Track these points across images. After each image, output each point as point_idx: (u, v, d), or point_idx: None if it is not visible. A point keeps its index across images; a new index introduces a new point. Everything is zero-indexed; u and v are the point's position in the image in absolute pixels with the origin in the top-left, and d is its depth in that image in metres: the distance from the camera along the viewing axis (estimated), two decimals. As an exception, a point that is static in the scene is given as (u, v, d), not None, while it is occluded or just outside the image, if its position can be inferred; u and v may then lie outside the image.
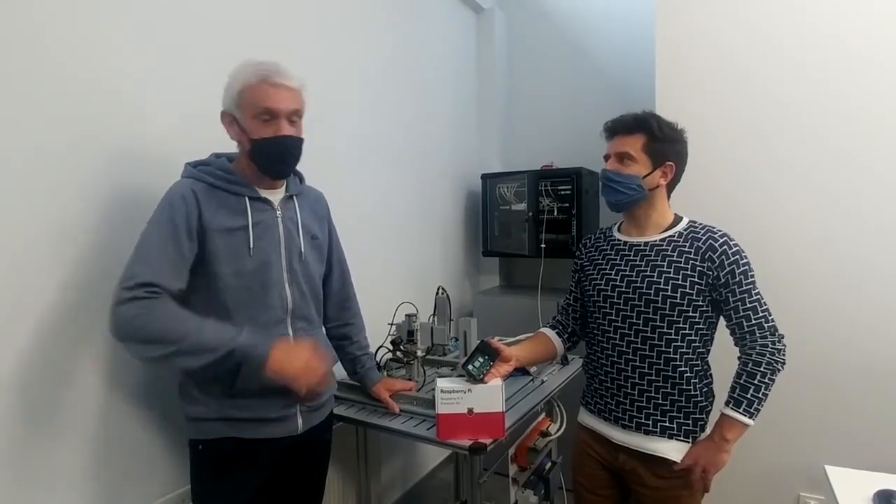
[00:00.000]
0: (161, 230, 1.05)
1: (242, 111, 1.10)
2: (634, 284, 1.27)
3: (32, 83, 1.07)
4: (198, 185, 1.11)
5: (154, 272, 1.01)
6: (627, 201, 1.28)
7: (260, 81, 1.09)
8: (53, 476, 1.11)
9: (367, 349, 1.51)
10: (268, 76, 1.09)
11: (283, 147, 1.12)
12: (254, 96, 1.09)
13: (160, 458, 1.30)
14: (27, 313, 1.07)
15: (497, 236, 2.59)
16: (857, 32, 1.69)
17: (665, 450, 1.26)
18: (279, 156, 1.14)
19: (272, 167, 1.16)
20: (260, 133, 1.10)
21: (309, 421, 1.24)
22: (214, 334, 1.01)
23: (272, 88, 1.09)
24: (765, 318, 1.21)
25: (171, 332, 0.99)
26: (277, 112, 1.09)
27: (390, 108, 2.19)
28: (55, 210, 1.11)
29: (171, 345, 0.98)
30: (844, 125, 1.73)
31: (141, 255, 1.03)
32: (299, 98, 1.14)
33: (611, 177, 1.27)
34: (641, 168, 1.25)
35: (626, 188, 1.26)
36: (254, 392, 1.12)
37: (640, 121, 1.26)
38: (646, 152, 1.25)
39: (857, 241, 1.72)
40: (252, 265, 1.13)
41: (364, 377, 1.49)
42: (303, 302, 1.23)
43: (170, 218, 1.06)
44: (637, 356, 1.27)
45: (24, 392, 1.06)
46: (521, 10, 2.87)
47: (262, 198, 1.17)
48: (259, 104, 1.09)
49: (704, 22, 1.91)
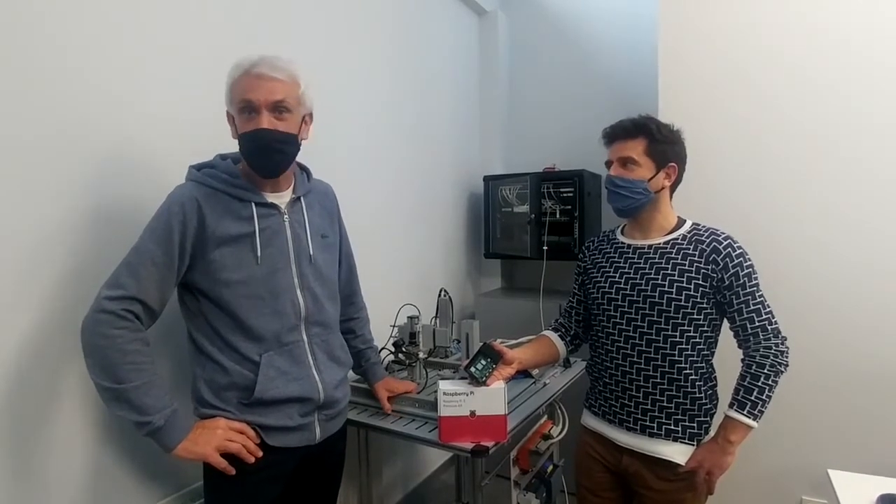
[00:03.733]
0: (156, 239, 1.03)
1: (232, 107, 1.08)
2: (639, 287, 1.27)
3: (31, 84, 1.05)
4: (201, 191, 1.07)
5: (141, 287, 1.00)
6: (635, 206, 1.27)
7: (242, 74, 1.05)
8: (54, 475, 1.11)
9: (371, 343, 1.49)
10: (250, 68, 1.04)
11: (261, 141, 1.05)
12: (237, 89, 1.05)
13: (165, 457, 1.29)
14: (27, 311, 1.06)
15: (499, 238, 2.58)
16: (859, 37, 1.69)
17: (669, 452, 1.26)
18: (258, 150, 1.07)
19: (258, 164, 1.09)
20: (243, 128, 1.06)
21: (326, 430, 1.22)
22: (148, 399, 0.99)
23: (253, 80, 1.03)
24: (768, 321, 1.21)
25: (117, 370, 0.97)
26: (255, 104, 1.03)
27: (393, 110, 2.19)
28: (50, 212, 1.09)
29: (112, 382, 0.97)
30: (847, 129, 1.73)
31: (133, 265, 1.01)
32: (287, 89, 1.06)
33: (616, 182, 1.27)
34: (645, 171, 1.25)
35: (633, 192, 1.26)
36: (271, 401, 1.11)
37: (639, 125, 1.26)
38: (648, 155, 1.25)
39: (860, 243, 1.72)
40: (260, 273, 1.10)
41: (367, 371, 1.47)
42: (316, 307, 1.19)
43: (166, 228, 1.03)
44: (641, 359, 1.27)
45: (25, 391, 1.06)
46: (524, 13, 2.88)
47: (269, 202, 1.13)
48: (240, 96, 1.05)
49: (706, 26, 1.91)
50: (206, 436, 1.05)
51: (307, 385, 1.15)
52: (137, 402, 0.98)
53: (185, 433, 1.04)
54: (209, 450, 1.04)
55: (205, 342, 1.10)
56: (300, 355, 1.16)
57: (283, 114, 1.07)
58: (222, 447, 1.05)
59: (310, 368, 1.17)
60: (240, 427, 1.09)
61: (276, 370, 1.11)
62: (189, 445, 1.03)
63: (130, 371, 0.98)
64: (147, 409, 0.99)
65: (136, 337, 1.00)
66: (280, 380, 1.11)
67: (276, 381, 1.11)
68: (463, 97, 2.74)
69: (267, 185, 1.14)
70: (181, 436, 1.03)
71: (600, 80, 2.65)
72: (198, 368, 1.11)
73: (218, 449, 1.05)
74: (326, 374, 1.19)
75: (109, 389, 0.98)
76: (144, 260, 1.01)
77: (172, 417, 1.02)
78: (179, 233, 1.03)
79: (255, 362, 1.09)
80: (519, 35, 2.90)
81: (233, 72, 1.07)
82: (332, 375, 1.21)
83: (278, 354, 1.12)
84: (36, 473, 1.08)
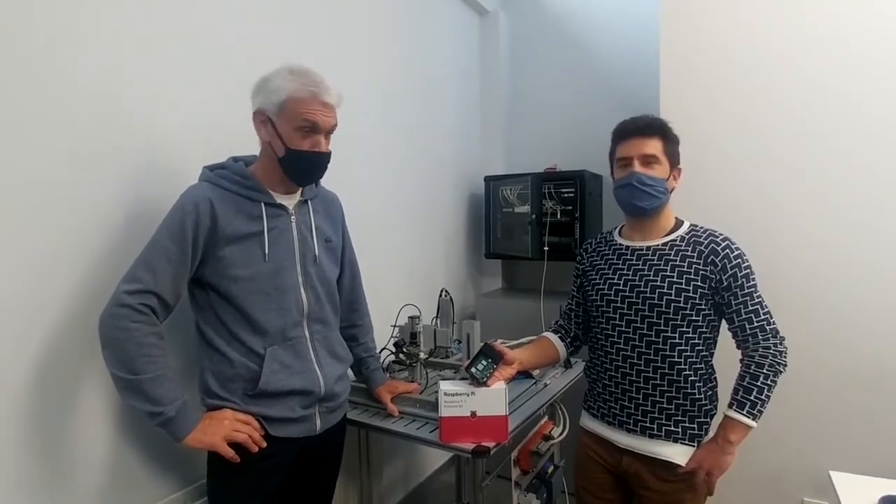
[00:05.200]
0: (172, 236, 1.07)
1: (283, 119, 1.12)
2: (638, 289, 1.27)
3: (48, 94, 1.08)
4: (215, 192, 1.12)
5: (157, 281, 1.05)
6: (657, 205, 1.26)
7: (311, 97, 1.11)
8: (56, 475, 1.11)
9: (373, 351, 1.52)
10: (318, 93, 1.12)
11: (318, 163, 1.17)
12: (300, 109, 1.11)
13: (161, 457, 1.30)
14: (41, 318, 1.08)
15: (500, 238, 2.58)
16: (861, 37, 1.69)
17: (669, 453, 1.26)
18: (311, 169, 1.18)
19: (301, 178, 1.20)
20: (298, 144, 1.13)
21: (327, 422, 1.27)
22: (161, 391, 1.04)
23: (319, 105, 1.12)
24: (766, 321, 1.21)
25: (134, 363, 1.01)
26: (320, 128, 1.14)
27: (394, 110, 2.19)
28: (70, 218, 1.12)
29: (128, 373, 1.01)
30: (848, 129, 1.72)
31: (149, 261, 1.06)
32: (336, 114, 1.18)
33: (644, 180, 1.23)
34: (664, 171, 1.25)
35: (657, 192, 1.24)
36: (275, 393, 1.15)
37: (656, 124, 1.26)
38: (665, 154, 1.25)
39: (860, 243, 1.72)
40: (267, 269, 1.15)
41: (368, 378, 1.50)
42: (318, 305, 1.25)
43: (181, 225, 1.07)
44: (641, 360, 1.27)
45: (29, 392, 1.07)
46: (525, 13, 2.87)
47: (278, 203, 1.19)
48: (304, 118, 1.11)
49: (709, 26, 1.91)
50: (214, 426, 1.09)
51: (309, 378, 1.20)
52: (151, 393, 1.03)
53: (195, 424, 1.08)
54: (217, 439, 1.08)
55: (213, 334, 1.14)
56: (302, 350, 1.21)
57: (330, 135, 1.19)
58: (230, 437, 1.10)
59: (311, 363, 1.22)
60: (245, 418, 1.13)
61: (279, 364, 1.16)
62: (198, 435, 1.08)
63: (146, 363, 1.02)
64: (160, 399, 1.03)
65: (152, 331, 1.05)
66: (283, 373, 1.16)
67: (280, 374, 1.16)
68: (464, 97, 2.74)
69: (279, 187, 1.19)
70: (191, 426, 1.07)
71: (601, 80, 2.65)
72: (206, 360, 1.16)
73: (225, 438, 1.09)
74: (327, 368, 1.24)
75: (125, 380, 1.02)
76: (160, 256, 1.06)
77: (183, 408, 1.06)
78: (193, 231, 1.08)
79: (259, 355, 1.14)
80: (520, 35, 2.90)
81: (292, 86, 1.11)
82: (332, 370, 1.26)
83: (282, 349, 1.17)
84: (37, 473, 1.09)
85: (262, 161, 1.19)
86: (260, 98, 1.14)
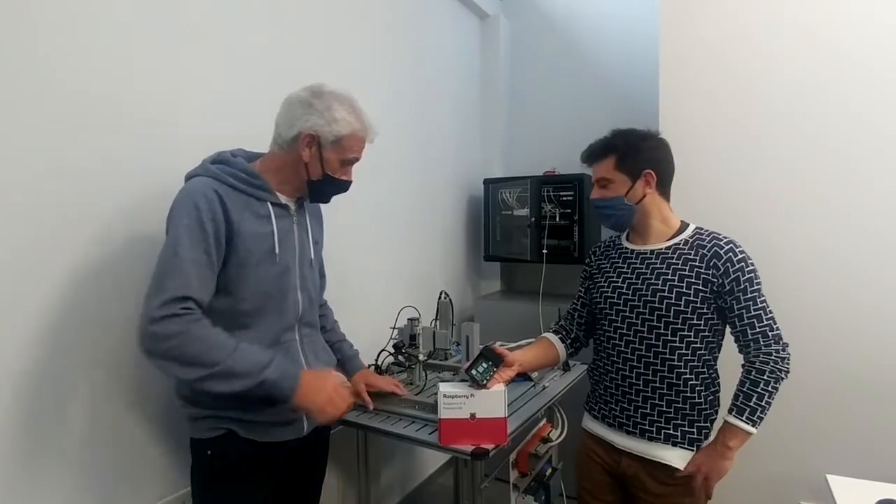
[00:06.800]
0: (192, 236, 1.01)
1: (334, 149, 1.15)
2: (640, 292, 1.28)
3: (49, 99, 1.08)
4: (221, 188, 1.07)
5: (187, 285, 0.98)
6: (621, 221, 1.33)
7: (365, 138, 1.18)
8: (49, 478, 1.10)
9: (343, 337, 1.50)
10: (371, 136, 1.19)
11: (345, 189, 1.23)
12: (354, 146, 1.17)
13: (158, 460, 1.29)
14: (40, 318, 1.08)
15: (499, 241, 2.59)
16: (859, 44, 1.70)
17: (668, 457, 1.26)
18: (335, 193, 1.24)
19: (321, 198, 1.25)
20: (337, 173, 1.18)
21: (313, 422, 1.23)
22: (247, 361, 1.00)
23: (364, 144, 1.20)
24: (769, 327, 1.21)
25: (206, 356, 0.97)
26: (355, 162, 1.21)
27: (394, 113, 2.19)
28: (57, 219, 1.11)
29: (205, 369, 0.97)
30: (848, 135, 1.73)
31: (172, 265, 0.98)
32: None
33: (597, 203, 1.34)
34: (620, 186, 1.29)
35: (615, 210, 1.31)
36: (258, 398, 1.10)
37: (606, 144, 1.31)
38: (619, 171, 1.29)
39: (859, 250, 1.73)
40: (275, 271, 1.14)
41: (346, 364, 1.47)
42: (310, 308, 1.25)
43: (198, 222, 1.01)
44: (642, 364, 1.28)
45: (20, 394, 1.06)
46: (525, 17, 2.89)
47: (283, 204, 1.18)
48: (354, 154, 1.18)
49: (708, 31, 1.92)
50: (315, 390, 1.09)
51: None
52: (240, 369, 1.00)
53: (296, 380, 1.07)
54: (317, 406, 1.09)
55: None
56: (293, 354, 1.20)
57: None
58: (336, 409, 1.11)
59: (302, 366, 1.20)
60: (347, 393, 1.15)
61: None
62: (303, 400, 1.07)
63: (218, 350, 0.99)
64: (252, 370, 1.01)
65: (203, 324, 1.00)
66: None
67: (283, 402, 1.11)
68: (464, 100, 2.75)
69: (285, 189, 1.19)
70: (293, 383, 1.06)
71: (601, 84, 2.66)
72: None
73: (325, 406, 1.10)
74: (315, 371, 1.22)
75: (209, 376, 0.98)
76: (184, 257, 0.99)
77: (279, 366, 1.05)
78: (212, 222, 1.03)
79: None
80: (520, 39, 2.91)
81: (356, 124, 1.15)
82: None
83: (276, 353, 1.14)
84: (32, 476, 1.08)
85: (276, 165, 1.16)
86: (315, 120, 1.11)
